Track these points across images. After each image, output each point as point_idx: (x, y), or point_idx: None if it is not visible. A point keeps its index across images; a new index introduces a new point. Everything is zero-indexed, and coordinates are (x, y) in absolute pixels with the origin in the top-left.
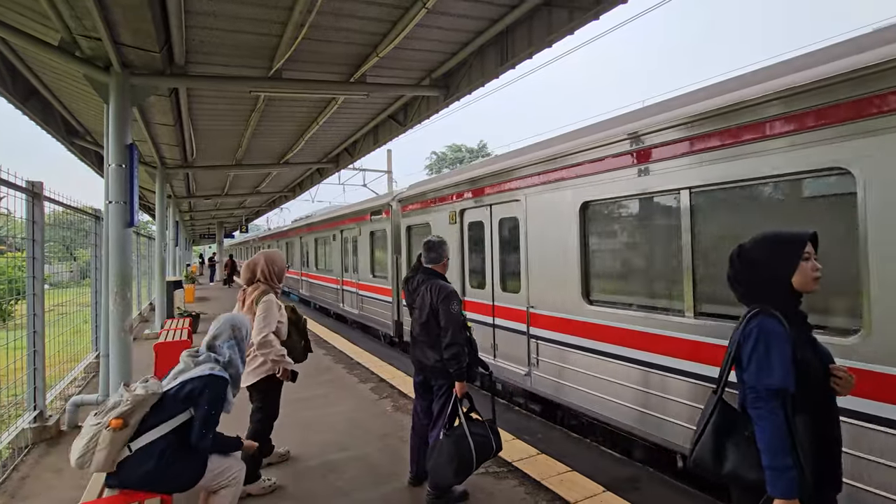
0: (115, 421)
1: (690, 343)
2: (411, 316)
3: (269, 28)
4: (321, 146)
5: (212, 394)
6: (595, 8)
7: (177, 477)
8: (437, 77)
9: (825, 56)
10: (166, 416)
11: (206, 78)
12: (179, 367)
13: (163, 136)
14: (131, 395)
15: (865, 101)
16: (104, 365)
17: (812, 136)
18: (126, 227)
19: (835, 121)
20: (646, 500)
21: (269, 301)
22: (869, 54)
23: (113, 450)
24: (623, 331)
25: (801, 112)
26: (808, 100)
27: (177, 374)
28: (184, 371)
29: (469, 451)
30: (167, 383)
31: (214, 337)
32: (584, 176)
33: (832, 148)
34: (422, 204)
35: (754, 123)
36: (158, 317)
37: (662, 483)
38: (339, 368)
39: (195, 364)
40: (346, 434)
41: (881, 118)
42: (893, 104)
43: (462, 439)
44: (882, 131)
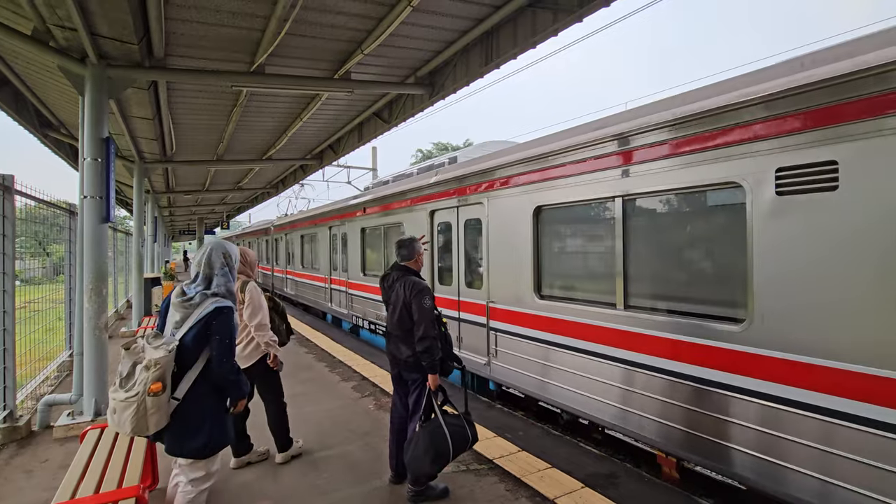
0: (155, 385)
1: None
2: (387, 311)
3: (251, 22)
4: (305, 142)
5: (223, 325)
6: (578, 11)
7: (219, 424)
8: (422, 75)
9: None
10: (190, 362)
11: (186, 71)
12: (177, 315)
13: (141, 130)
14: (152, 360)
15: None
16: (78, 364)
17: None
18: (102, 223)
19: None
20: (623, 496)
21: (252, 289)
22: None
23: (163, 409)
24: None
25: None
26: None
27: (182, 321)
28: (186, 318)
29: (445, 442)
30: (173, 331)
31: (210, 267)
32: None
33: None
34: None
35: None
36: (136, 314)
37: (640, 479)
38: (321, 367)
39: (195, 306)
40: (327, 433)
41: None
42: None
43: (438, 430)
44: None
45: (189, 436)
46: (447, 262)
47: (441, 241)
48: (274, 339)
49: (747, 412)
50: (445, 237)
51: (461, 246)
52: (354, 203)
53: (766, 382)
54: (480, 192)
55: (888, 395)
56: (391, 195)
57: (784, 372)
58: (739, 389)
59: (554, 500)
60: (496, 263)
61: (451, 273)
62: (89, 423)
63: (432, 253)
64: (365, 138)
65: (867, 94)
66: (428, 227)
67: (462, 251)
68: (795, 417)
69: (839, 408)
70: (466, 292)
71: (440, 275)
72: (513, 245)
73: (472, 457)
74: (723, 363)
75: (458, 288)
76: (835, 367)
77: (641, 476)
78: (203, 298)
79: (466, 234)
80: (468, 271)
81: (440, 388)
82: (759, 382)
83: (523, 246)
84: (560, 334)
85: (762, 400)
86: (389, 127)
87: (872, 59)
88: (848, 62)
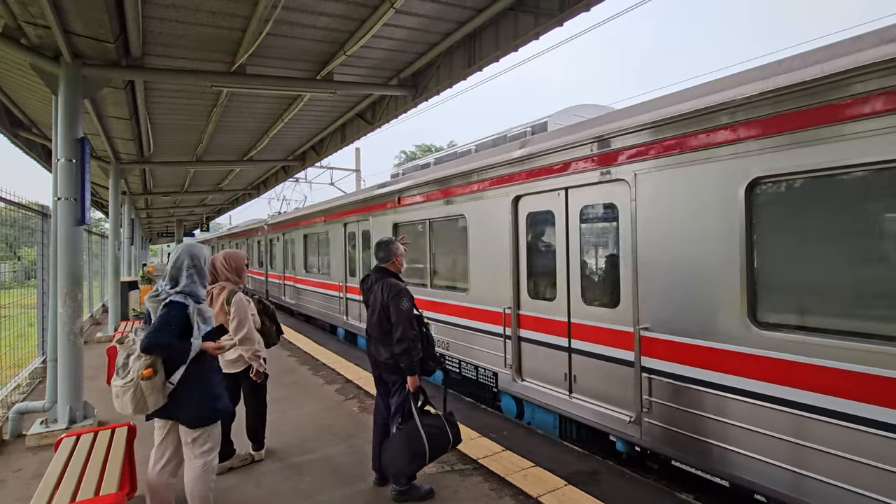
0: (146, 371)
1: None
2: (367, 313)
3: (231, 21)
4: (287, 143)
5: (167, 312)
6: (559, 14)
7: (215, 396)
8: (405, 77)
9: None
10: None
11: (164, 71)
12: (152, 312)
13: (117, 130)
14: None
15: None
16: (51, 370)
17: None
18: (77, 225)
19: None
20: (605, 492)
21: (239, 300)
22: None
23: (158, 390)
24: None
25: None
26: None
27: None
28: (156, 313)
29: (421, 443)
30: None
31: (177, 269)
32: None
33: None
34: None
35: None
36: (112, 319)
37: (621, 476)
38: (304, 370)
39: (160, 302)
40: (311, 436)
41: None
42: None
43: (414, 431)
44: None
45: (192, 407)
46: (542, 267)
47: (529, 238)
48: (259, 353)
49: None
50: (539, 232)
51: (572, 244)
52: (384, 193)
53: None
54: (619, 163)
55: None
56: (444, 179)
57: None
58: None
59: (537, 498)
60: (654, 270)
61: (553, 283)
62: (64, 430)
63: (516, 254)
64: (348, 139)
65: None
66: (510, 219)
67: (575, 251)
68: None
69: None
70: (586, 312)
71: (534, 285)
72: (695, 240)
73: (457, 457)
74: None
75: (569, 305)
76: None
77: (623, 473)
78: (167, 296)
79: (584, 225)
80: (588, 281)
81: (420, 390)
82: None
83: (718, 242)
84: (811, 390)
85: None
86: (373, 128)
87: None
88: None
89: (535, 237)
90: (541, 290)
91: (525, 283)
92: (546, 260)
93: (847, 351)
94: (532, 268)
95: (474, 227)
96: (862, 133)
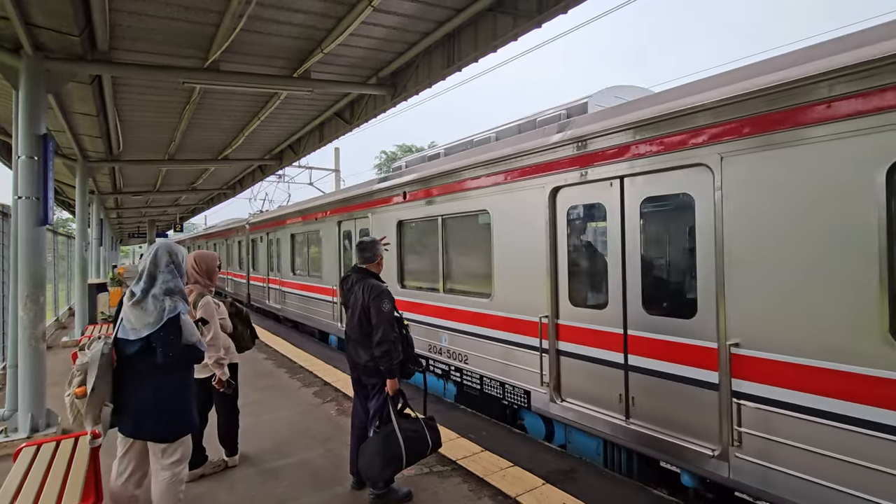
0: (79, 390)
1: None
2: (346, 315)
3: (204, 17)
4: (263, 142)
5: (170, 333)
6: (537, 16)
7: (188, 409)
8: (384, 76)
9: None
10: (151, 358)
11: (133, 66)
12: (131, 318)
13: (84, 127)
14: (78, 365)
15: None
16: (12, 376)
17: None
18: (39, 225)
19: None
20: (582, 490)
21: (207, 304)
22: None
23: (92, 411)
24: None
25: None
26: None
27: (138, 326)
28: (139, 323)
29: (398, 447)
30: (126, 334)
31: (155, 265)
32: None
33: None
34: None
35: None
36: (78, 322)
37: (598, 474)
38: (281, 373)
39: (145, 310)
40: (287, 440)
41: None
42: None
43: (391, 435)
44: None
45: (159, 422)
46: (588, 269)
47: (571, 236)
48: (222, 360)
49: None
50: (584, 229)
51: (629, 242)
52: (387, 187)
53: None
54: (698, 145)
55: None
56: (463, 169)
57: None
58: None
59: (516, 497)
60: (750, 274)
61: (603, 288)
62: (24, 440)
63: (554, 255)
64: (326, 139)
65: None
66: (546, 213)
67: (633, 251)
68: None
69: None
70: (648, 322)
71: (577, 290)
72: (812, 237)
73: (436, 458)
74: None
75: (625, 314)
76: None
77: (599, 471)
78: (157, 301)
79: (646, 220)
80: (650, 286)
81: (399, 393)
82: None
83: (846, 239)
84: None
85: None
86: (351, 127)
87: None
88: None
89: (578, 235)
90: (587, 296)
91: (565, 288)
92: (593, 261)
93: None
94: (574, 271)
95: (500, 224)
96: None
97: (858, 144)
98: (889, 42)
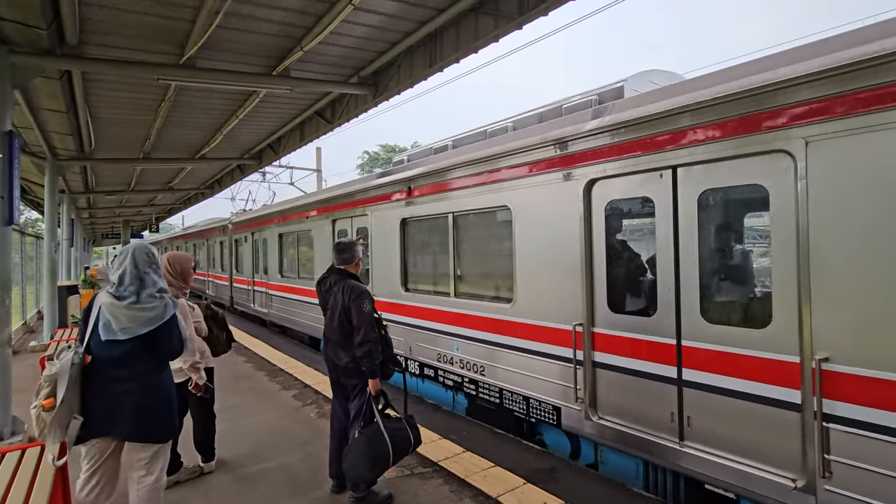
0: (46, 402)
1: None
2: (325, 317)
3: (178, 11)
4: (242, 141)
5: (174, 327)
6: (518, 18)
7: (173, 414)
8: (365, 75)
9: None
10: (142, 361)
11: (105, 62)
12: (124, 319)
13: (53, 124)
14: (45, 376)
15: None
16: None
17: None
18: (4, 225)
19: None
20: (563, 489)
21: (180, 307)
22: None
23: (59, 424)
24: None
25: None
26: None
27: (133, 325)
28: (134, 322)
29: (385, 446)
30: (113, 335)
31: (136, 266)
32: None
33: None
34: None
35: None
36: (48, 326)
37: (579, 472)
38: (261, 376)
39: (146, 308)
40: (266, 444)
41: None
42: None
43: (377, 435)
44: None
45: (155, 422)
46: (632, 271)
47: (611, 234)
48: (198, 364)
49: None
50: (626, 226)
51: (684, 241)
52: (389, 182)
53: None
54: (777, 128)
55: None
56: (479, 161)
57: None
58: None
59: (497, 497)
60: (849, 279)
61: (651, 293)
62: None
63: (589, 255)
64: (307, 138)
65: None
66: (580, 209)
67: (689, 251)
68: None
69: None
70: (708, 332)
71: (618, 294)
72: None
73: (417, 460)
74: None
75: (678, 322)
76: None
77: (580, 470)
78: (150, 298)
79: (705, 215)
80: (710, 291)
81: (381, 392)
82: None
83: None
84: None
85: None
86: (332, 127)
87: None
88: None
89: (618, 233)
90: (630, 301)
91: (603, 292)
92: (637, 263)
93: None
94: (614, 273)
95: (523, 221)
96: None
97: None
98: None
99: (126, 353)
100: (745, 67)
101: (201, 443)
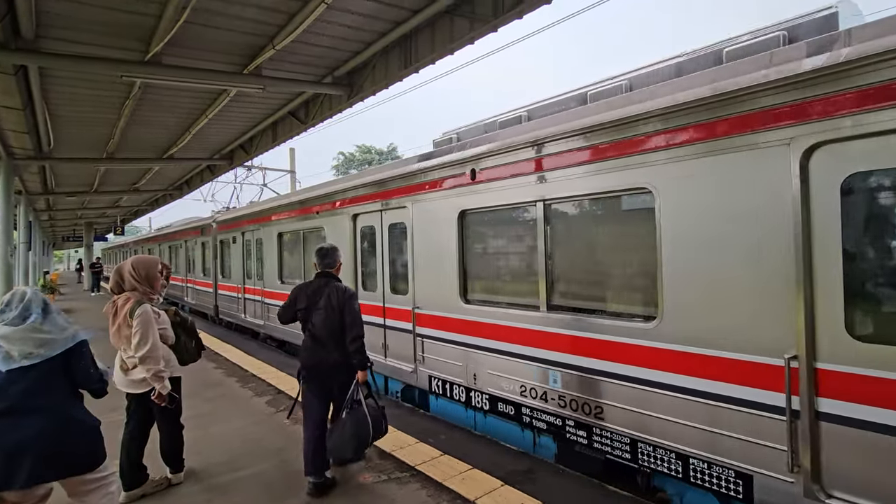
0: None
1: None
2: (309, 319)
3: (144, 6)
4: (212, 141)
5: (84, 348)
6: (493, 21)
7: (82, 445)
8: (339, 75)
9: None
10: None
11: (63, 57)
12: (26, 346)
13: (8, 122)
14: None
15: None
16: None
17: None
18: None
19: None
20: (540, 490)
21: (144, 313)
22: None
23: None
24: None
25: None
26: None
27: (35, 349)
28: (36, 346)
29: (367, 429)
30: (13, 363)
31: (27, 310)
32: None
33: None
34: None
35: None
36: None
37: (556, 473)
38: (232, 382)
39: (47, 331)
40: (238, 452)
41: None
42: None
43: (363, 419)
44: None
45: (94, 440)
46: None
47: (848, 223)
48: (161, 373)
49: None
50: (876, 214)
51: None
52: (438, 164)
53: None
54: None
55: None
56: (600, 127)
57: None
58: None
59: (475, 500)
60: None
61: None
62: None
63: (808, 254)
64: (280, 138)
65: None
66: (796, 188)
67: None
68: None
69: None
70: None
71: (854, 311)
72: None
73: (394, 465)
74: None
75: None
76: None
77: (557, 470)
78: (58, 322)
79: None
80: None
81: (366, 383)
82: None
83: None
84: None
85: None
86: (306, 127)
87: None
88: None
89: (866, 219)
90: (886, 322)
91: (835, 310)
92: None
93: None
94: (857, 281)
95: (676, 208)
96: None
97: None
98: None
99: (35, 380)
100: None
101: (168, 453)
